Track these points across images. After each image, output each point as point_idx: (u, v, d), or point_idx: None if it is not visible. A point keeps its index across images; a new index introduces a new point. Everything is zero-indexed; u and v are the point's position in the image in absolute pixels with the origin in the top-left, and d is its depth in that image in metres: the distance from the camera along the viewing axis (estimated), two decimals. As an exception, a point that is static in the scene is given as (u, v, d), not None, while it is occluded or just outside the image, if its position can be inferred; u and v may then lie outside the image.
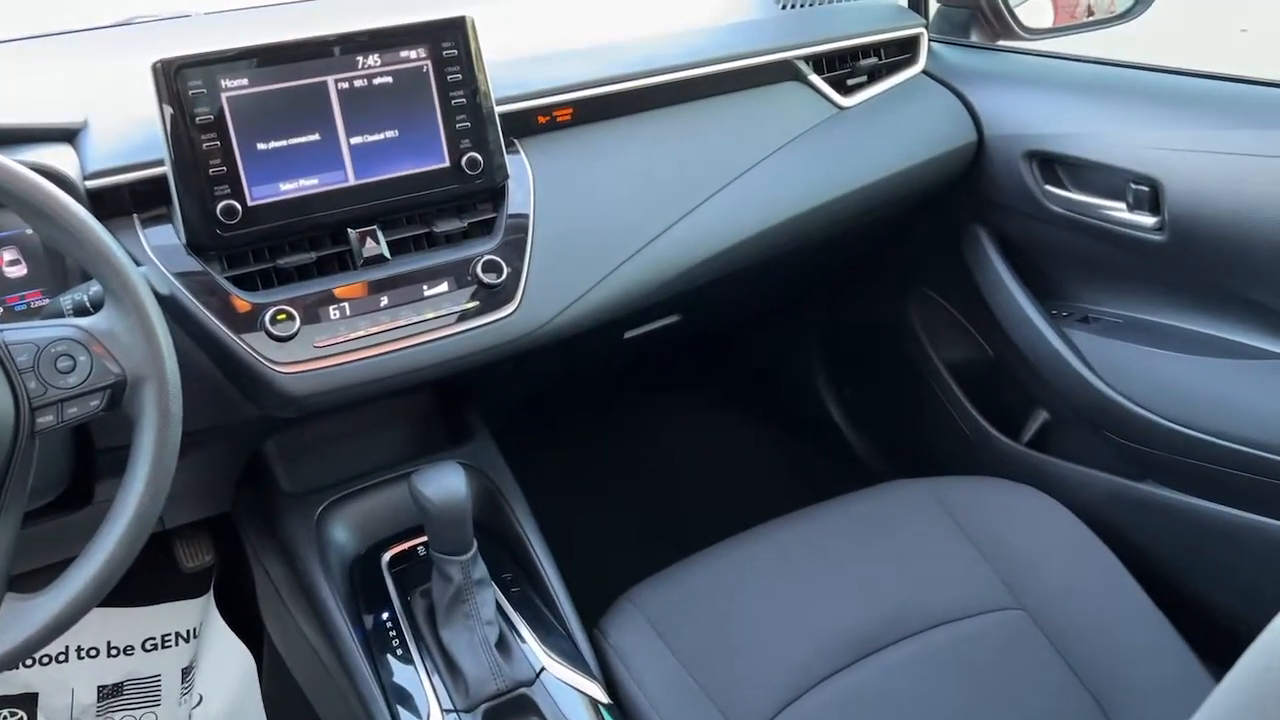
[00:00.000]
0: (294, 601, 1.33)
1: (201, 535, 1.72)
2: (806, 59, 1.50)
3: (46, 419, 0.88)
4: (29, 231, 1.11)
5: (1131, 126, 1.42)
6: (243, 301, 1.09)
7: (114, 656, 1.70)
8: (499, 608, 1.20)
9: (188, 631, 1.74)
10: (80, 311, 0.99)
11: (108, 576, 0.89)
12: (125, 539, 0.89)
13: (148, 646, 1.73)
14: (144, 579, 1.69)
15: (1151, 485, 1.48)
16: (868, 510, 1.44)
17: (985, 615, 1.28)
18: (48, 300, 1.12)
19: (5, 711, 1.64)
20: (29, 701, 1.66)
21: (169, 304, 1.03)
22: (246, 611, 1.69)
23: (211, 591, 1.75)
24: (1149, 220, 1.39)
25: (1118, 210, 1.43)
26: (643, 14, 1.51)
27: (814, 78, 1.50)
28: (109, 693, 1.70)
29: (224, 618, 1.74)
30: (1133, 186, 1.39)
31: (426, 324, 1.16)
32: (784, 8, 1.57)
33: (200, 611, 1.75)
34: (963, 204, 1.63)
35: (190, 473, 0.94)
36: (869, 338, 2.00)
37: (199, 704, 1.72)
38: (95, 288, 0.99)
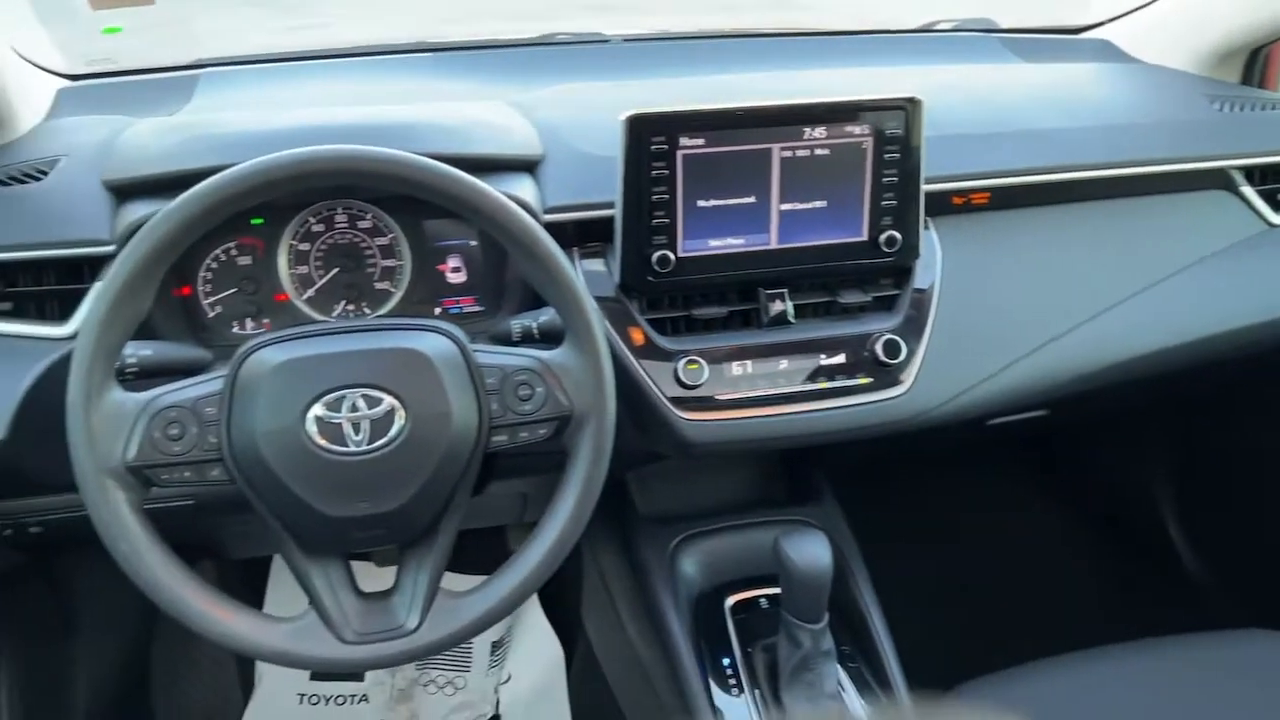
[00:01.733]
0: (633, 619, 1.40)
1: (531, 526, 1.83)
2: (1242, 169, 1.40)
3: (500, 439, 0.97)
4: (473, 243, 1.22)
5: None
6: (660, 344, 1.16)
7: (437, 617, 1.85)
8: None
9: (503, 608, 1.86)
10: (527, 336, 1.08)
11: (527, 589, 0.97)
12: (546, 559, 0.97)
13: None
14: (475, 551, 1.84)
15: None
16: (1224, 658, 1.33)
17: None
18: (480, 307, 1.23)
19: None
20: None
21: None
22: (561, 604, 1.79)
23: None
24: None
25: None
26: (1070, 102, 1.46)
27: (1247, 189, 1.40)
28: (428, 649, 1.85)
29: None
30: None
31: (820, 393, 1.18)
32: (1220, 108, 1.48)
33: (517, 592, 1.87)
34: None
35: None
36: (1239, 463, 1.84)
37: (507, 680, 1.84)
38: (544, 317, 1.08)
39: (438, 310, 1.22)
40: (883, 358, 1.18)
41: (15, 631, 1.39)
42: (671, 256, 1.14)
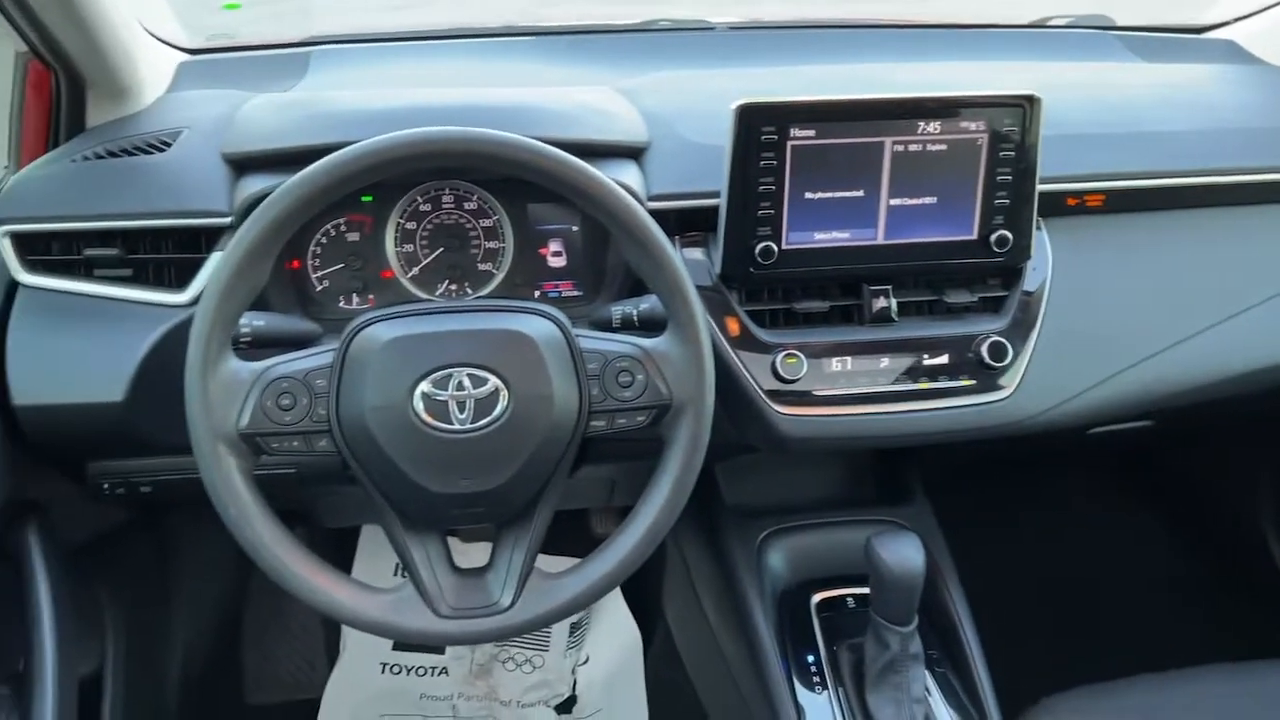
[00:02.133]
0: (715, 610, 1.39)
1: (615, 510, 1.84)
2: (1379, 178, 1.33)
3: (598, 424, 0.98)
4: (574, 228, 1.23)
5: None
6: (759, 336, 1.15)
7: (517, 596, 1.87)
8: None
9: (582, 590, 1.87)
10: (627, 323, 1.08)
11: (620, 575, 0.98)
12: (639, 546, 0.97)
13: None
14: (556, 531, 1.86)
15: None
16: None
17: None
18: (579, 292, 1.23)
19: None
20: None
21: None
22: (641, 590, 1.80)
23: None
24: None
25: None
26: (1191, 104, 1.41)
27: (1383, 199, 1.34)
28: (507, 628, 1.88)
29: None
30: None
31: (920, 393, 1.16)
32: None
33: (596, 575, 1.88)
34: None
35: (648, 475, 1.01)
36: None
37: (585, 662, 1.85)
38: (645, 304, 1.08)
39: (536, 293, 1.23)
40: (988, 360, 1.16)
41: (120, 588, 1.45)
42: (775, 248, 1.13)
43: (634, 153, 1.20)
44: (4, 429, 1.09)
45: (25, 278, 1.11)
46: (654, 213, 1.10)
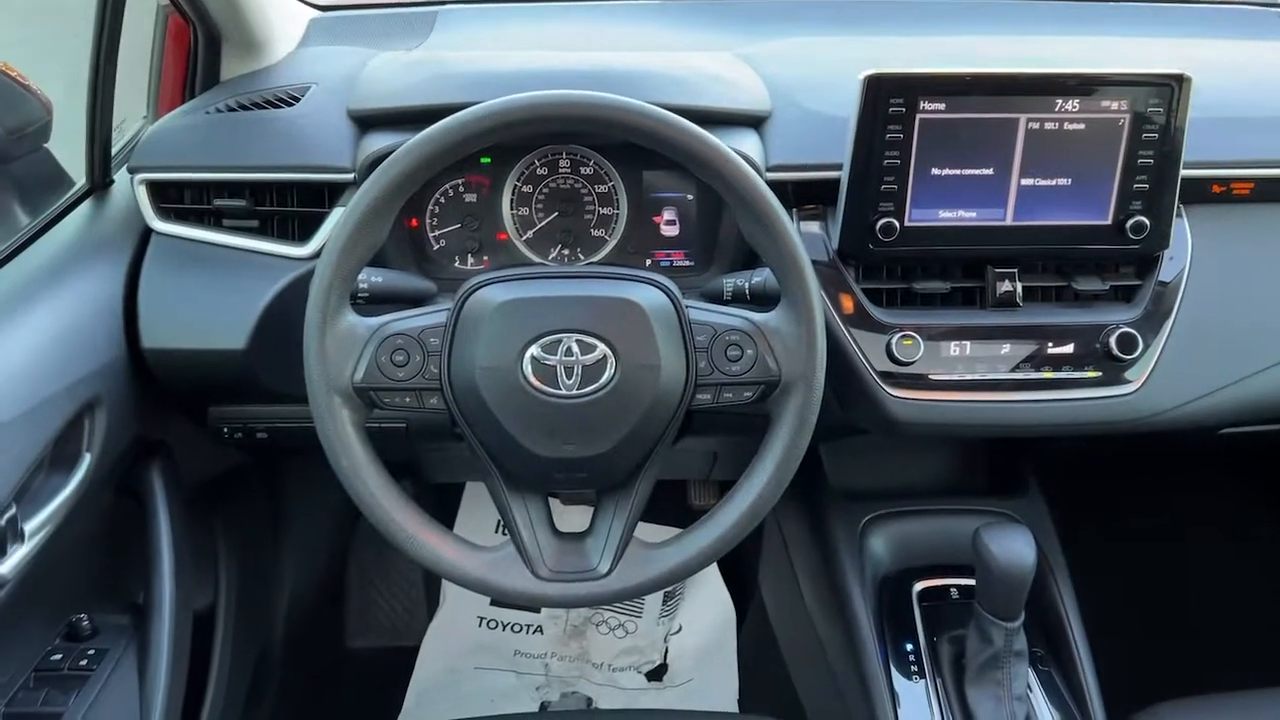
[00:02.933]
0: (813, 590, 1.37)
1: (714, 483, 1.83)
2: None
3: (703, 397, 0.96)
4: (689, 197, 1.21)
5: None
6: (875, 315, 1.12)
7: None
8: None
9: (677, 559, 1.87)
10: (738, 296, 1.06)
11: (719, 550, 0.97)
12: (740, 522, 0.96)
13: None
14: (653, 501, 1.86)
15: None
16: None
17: None
18: (690, 263, 1.22)
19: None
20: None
21: None
22: (737, 564, 1.79)
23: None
24: None
25: None
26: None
27: None
28: (603, 591, 1.89)
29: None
30: None
31: (1042, 382, 1.12)
32: None
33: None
34: None
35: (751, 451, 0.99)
36: None
37: (677, 631, 1.86)
38: (757, 278, 1.06)
39: (648, 262, 1.22)
40: (1116, 352, 1.11)
41: (234, 528, 1.50)
42: (897, 225, 1.09)
43: (755, 122, 1.18)
44: (134, 371, 1.13)
45: (158, 225, 1.15)
46: (772, 184, 1.08)
